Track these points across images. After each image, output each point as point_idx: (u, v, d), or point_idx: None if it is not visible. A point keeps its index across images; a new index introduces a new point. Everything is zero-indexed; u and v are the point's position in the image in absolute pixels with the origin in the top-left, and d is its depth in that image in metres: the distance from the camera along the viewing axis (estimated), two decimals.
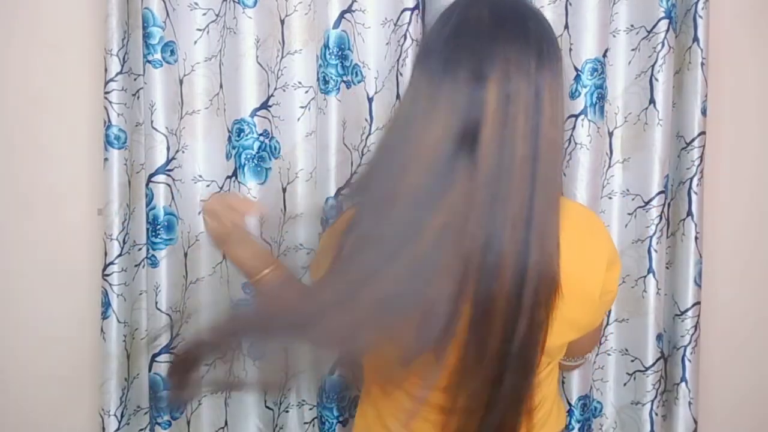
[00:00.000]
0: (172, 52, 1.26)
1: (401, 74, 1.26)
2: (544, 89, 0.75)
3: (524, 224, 0.75)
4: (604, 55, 1.27)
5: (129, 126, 1.29)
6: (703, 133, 1.29)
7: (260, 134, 1.27)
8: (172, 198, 1.27)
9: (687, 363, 1.33)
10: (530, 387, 0.82)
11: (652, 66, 1.28)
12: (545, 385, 0.91)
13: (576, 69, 1.26)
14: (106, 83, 1.25)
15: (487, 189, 0.74)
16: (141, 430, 1.35)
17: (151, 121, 1.24)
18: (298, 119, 1.31)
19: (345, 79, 1.26)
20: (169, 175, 1.26)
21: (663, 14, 1.26)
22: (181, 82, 1.28)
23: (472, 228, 0.74)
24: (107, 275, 1.28)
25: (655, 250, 1.31)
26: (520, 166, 0.74)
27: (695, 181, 1.30)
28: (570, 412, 1.32)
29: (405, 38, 1.25)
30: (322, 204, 1.28)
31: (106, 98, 1.25)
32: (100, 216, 1.34)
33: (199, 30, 1.29)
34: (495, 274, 0.75)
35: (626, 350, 1.36)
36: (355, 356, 0.93)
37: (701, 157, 1.30)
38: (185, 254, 1.31)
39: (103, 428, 1.30)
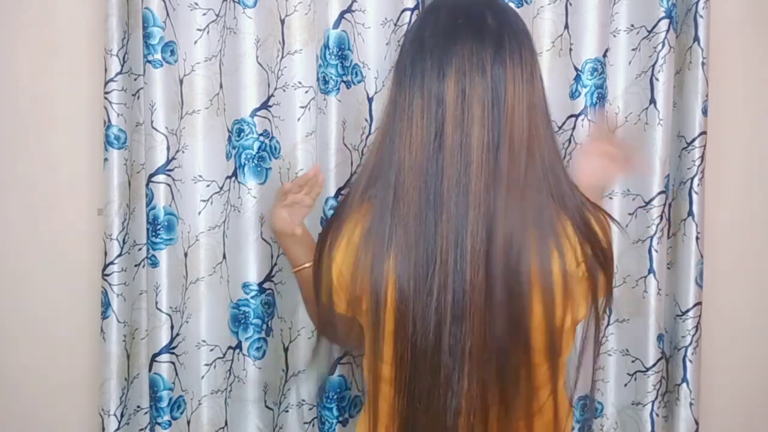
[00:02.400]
0: (172, 52, 1.26)
1: None
2: (504, 81, 0.79)
3: (486, 216, 0.79)
4: (605, 55, 1.26)
5: (129, 126, 1.29)
6: (704, 132, 1.29)
7: (260, 134, 1.27)
8: (172, 198, 1.27)
9: (688, 363, 1.33)
10: (522, 387, 0.83)
11: (653, 66, 1.28)
12: (546, 392, 0.90)
13: (576, 69, 1.26)
14: (106, 83, 1.25)
15: (454, 182, 0.79)
16: (141, 429, 1.35)
17: (151, 121, 1.24)
18: (298, 119, 1.31)
19: (345, 79, 1.26)
20: (169, 175, 1.26)
21: (663, 14, 1.25)
22: (181, 82, 1.28)
23: (444, 223, 0.80)
24: (107, 275, 1.28)
25: (656, 251, 1.30)
26: (477, 158, 0.79)
27: (696, 181, 1.30)
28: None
29: None
30: (321, 204, 1.28)
31: (106, 98, 1.25)
32: (100, 216, 1.34)
33: (199, 30, 1.29)
34: (464, 269, 0.79)
35: (627, 351, 1.36)
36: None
37: (702, 157, 1.29)
38: (185, 254, 1.31)
39: (103, 428, 1.30)
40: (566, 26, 1.27)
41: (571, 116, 1.28)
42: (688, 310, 1.32)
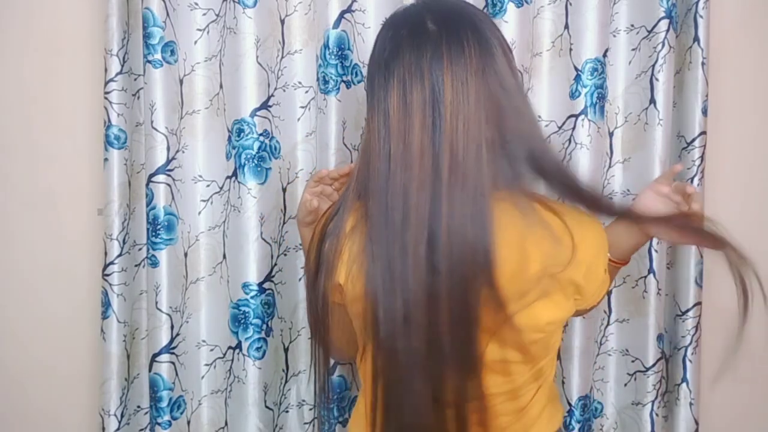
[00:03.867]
0: (172, 52, 1.26)
1: None
2: (443, 81, 0.79)
3: (427, 223, 0.80)
4: (605, 55, 1.26)
5: (129, 126, 1.29)
6: (703, 132, 1.29)
7: (260, 134, 1.27)
8: (172, 198, 1.27)
9: (688, 363, 1.33)
10: (472, 383, 0.83)
11: (653, 66, 1.28)
12: (532, 389, 0.90)
13: (576, 69, 1.26)
14: (106, 83, 1.25)
15: (398, 192, 0.81)
16: (141, 430, 1.35)
17: (151, 121, 1.24)
18: (298, 119, 1.31)
19: (345, 79, 1.26)
20: (169, 175, 1.26)
21: (663, 14, 1.25)
22: (181, 82, 1.28)
23: (392, 233, 0.81)
24: (107, 275, 1.28)
25: (656, 251, 1.30)
26: (417, 165, 0.80)
27: (696, 180, 1.29)
28: (570, 413, 1.32)
29: None
30: None
31: (106, 98, 1.25)
32: (100, 216, 1.34)
33: (199, 30, 1.29)
34: (407, 278, 0.80)
35: (627, 351, 1.36)
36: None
37: (702, 157, 1.29)
38: (185, 254, 1.31)
39: (103, 428, 1.30)
40: (566, 26, 1.27)
41: (571, 116, 1.27)
42: (688, 310, 1.32)
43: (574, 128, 1.27)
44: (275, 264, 1.31)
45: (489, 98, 0.81)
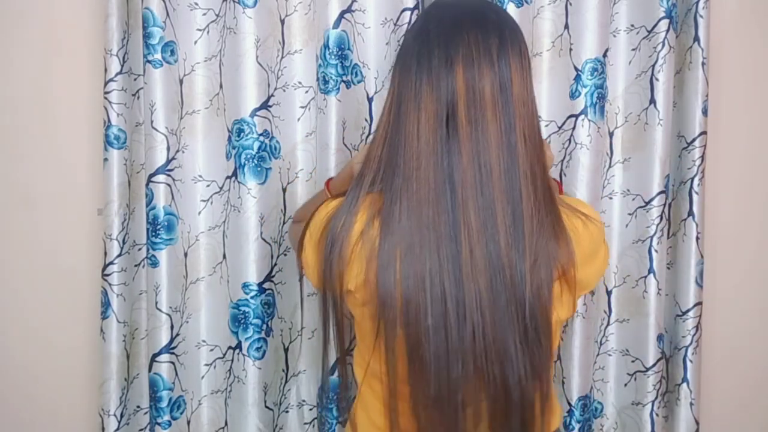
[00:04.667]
0: (172, 52, 1.26)
1: None
2: (508, 70, 0.81)
3: (510, 197, 0.80)
4: (605, 55, 1.26)
5: (129, 126, 1.29)
6: (704, 132, 1.29)
7: (260, 134, 1.27)
8: (172, 198, 1.27)
9: (688, 363, 1.33)
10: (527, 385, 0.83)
11: (653, 66, 1.28)
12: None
13: (576, 69, 1.26)
14: (106, 83, 1.25)
15: (474, 162, 0.80)
16: (141, 430, 1.35)
17: (151, 121, 1.24)
18: (298, 119, 1.31)
19: (345, 79, 1.26)
20: (169, 175, 1.26)
21: (663, 14, 1.25)
22: (181, 82, 1.28)
23: (467, 201, 0.80)
24: (107, 275, 1.28)
25: (656, 251, 1.30)
26: (496, 138, 0.80)
27: (696, 181, 1.30)
28: (570, 413, 1.32)
29: None
30: None
31: (106, 98, 1.25)
32: (100, 216, 1.34)
33: (199, 30, 1.29)
34: (498, 249, 0.79)
35: (627, 351, 1.36)
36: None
37: (702, 157, 1.29)
38: (185, 254, 1.31)
39: (103, 428, 1.30)
40: (566, 26, 1.27)
41: (571, 116, 1.27)
42: (688, 310, 1.32)
43: (574, 128, 1.27)
44: (275, 264, 1.31)
45: (532, 98, 0.84)
